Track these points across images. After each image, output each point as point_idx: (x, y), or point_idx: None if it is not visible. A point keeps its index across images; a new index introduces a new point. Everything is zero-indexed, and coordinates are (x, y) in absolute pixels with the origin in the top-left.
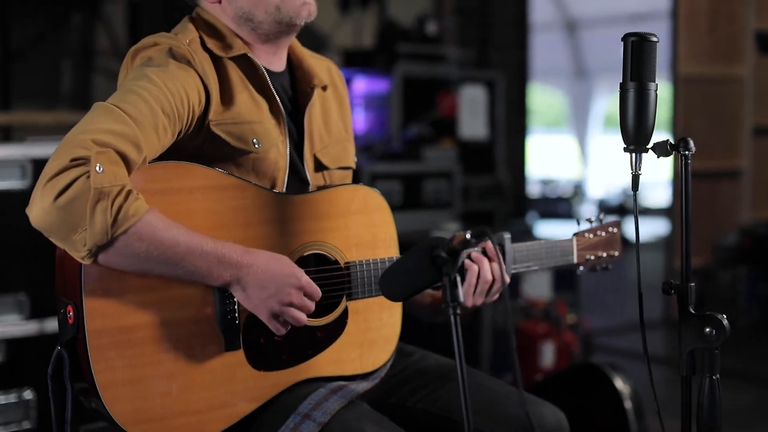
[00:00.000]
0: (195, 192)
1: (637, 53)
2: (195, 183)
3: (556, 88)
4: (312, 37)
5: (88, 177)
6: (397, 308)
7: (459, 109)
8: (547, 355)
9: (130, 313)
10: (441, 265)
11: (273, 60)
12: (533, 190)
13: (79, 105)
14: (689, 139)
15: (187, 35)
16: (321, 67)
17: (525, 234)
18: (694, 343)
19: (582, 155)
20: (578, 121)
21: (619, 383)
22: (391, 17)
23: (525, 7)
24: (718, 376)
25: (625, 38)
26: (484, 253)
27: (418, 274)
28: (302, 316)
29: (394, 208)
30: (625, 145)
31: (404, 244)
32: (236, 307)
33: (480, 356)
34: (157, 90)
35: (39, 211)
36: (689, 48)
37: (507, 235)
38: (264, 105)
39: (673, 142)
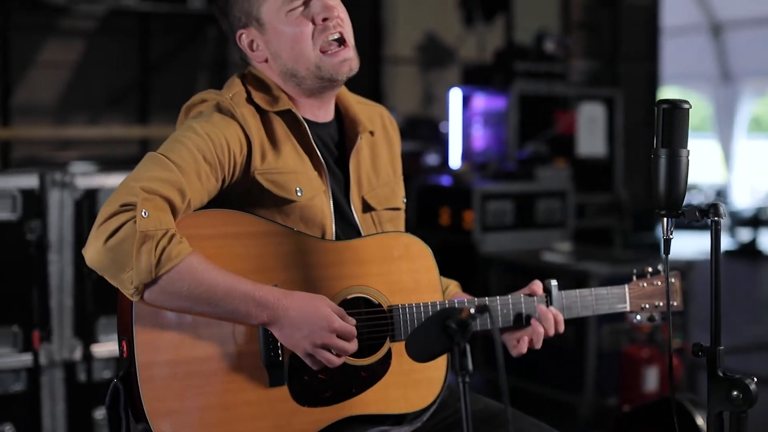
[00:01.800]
0: (239, 237)
1: (669, 120)
2: (239, 229)
3: (699, 93)
4: (438, 51)
5: (135, 221)
6: (441, 364)
7: (577, 127)
8: (651, 380)
9: (178, 347)
10: (452, 335)
11: (319, 112)
12: None
13: None
14: (719, 204)
15: (231, 90)
16: (371, 113)
17: (651, 248)
18: (721, 405)
19: (726, 160)
20: (723, 126)
21: (700, 420)
22: (513, 32)
23: (656, 16)
24: None
25: (657, 105)
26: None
27: (434, 341)
28: (334, 358)
29: (506, 228)
30: (657, 210)
31: (515, 264)
32: (279, 344)
33: (585, 379)
34: (199, 139)
35: (92, 252)
36: None
37: (554, 282)
38: (306, 157)
39: (703, 208)
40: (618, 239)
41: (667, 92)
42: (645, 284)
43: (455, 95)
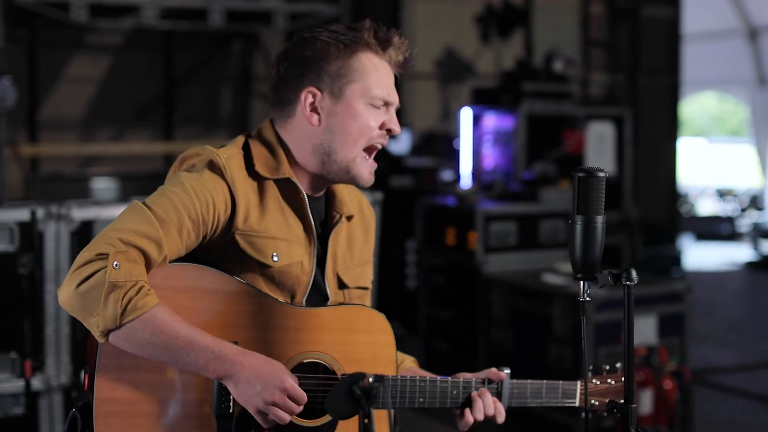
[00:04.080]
0: (207, 293)
1: (584, 188)
2: (207, 285)
3: (736, 97)
4: (456, 66)
5: (106, 271)
6: (386, 420)
7: (586, 145)
8: (645, 403)
9: (136, 388)
10: (358, 400)
11: (315, 188)
12: (704, 205)
13: (238, 130)
14: (632, 269)
15: (228, 150)
16: (352, 198)
17: (672, 260)
18: None
19: (762, 165)
20: (760, 130)
21: None
22: (532, 47)
23: (678, 28)
24: None
25: (574, 174)
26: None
27: (344, 403)
28: (284, 415)
29: (510, 249)
30: (573, 273)
31: (515, 286)
32: (231, 398)
33: None
34: (185, 196)
35: (65, 295)
36: None
37: (507, 371)
38: (297, 225)
39: (615, 272)
40: (626, 257)
41: (704, 97)
42: (599, 382)
43: (466, 114)
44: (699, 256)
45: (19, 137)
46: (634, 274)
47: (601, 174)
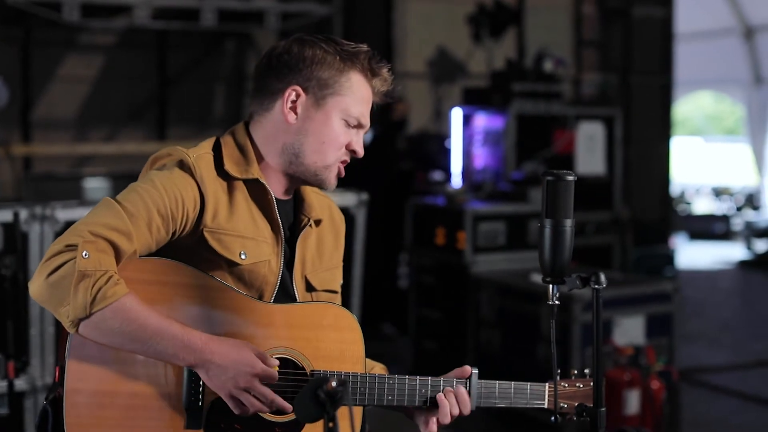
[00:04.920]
0: (176, 287)
1: (553, 192)
2: (177, 279)
3: (732, 97)
4: (448, 66)
5: (76, 261)
6: (357, 417)
7: (576, 145)
8: (632, 403)
9: (106, 380)
10: (323, 403)
11: (283, 190)
12: (700, 203)
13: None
14: (600, 273)
15: (198, 150)
16: (322, 202)
17: (665, 260)
18: None
19: (758, 164)
20: (755, 129)
21: None
22: (524, 47)
23: (671, 27)
24: None
25: (542, 177)
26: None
27: (311, 407)
28: (255, 402)
29: (498, 249)
30: (542, 277)
31: (504, 285)
32: (201, 389)
33: None
34: (155, 192)
35: (35, 286)
36: None
37: (475, 371)
38: (264, 225)
39: (584, 276)
40: (617, 257)
41: (700, 97)
42: (567, 385)
43: (456, 115)
44: (692, 255)
45: (12, 137)
46: (602, 277)
47: (570, 178)
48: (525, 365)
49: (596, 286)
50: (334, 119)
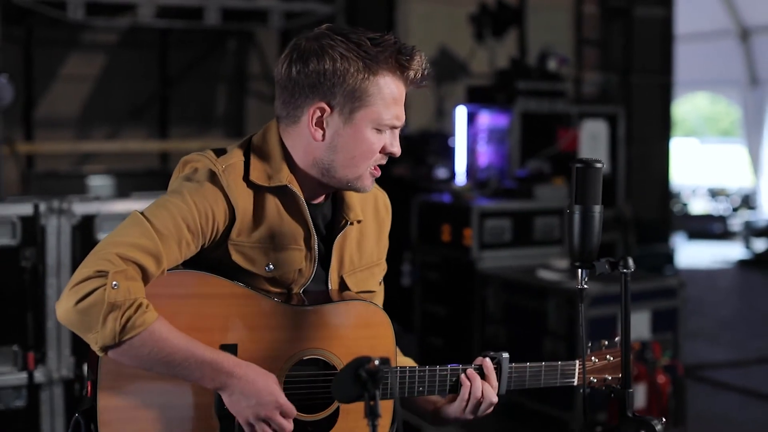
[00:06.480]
0: (206, 298)
1: (582, 179)
2: (208, 290)
3: (728, 98)
4: (450, 65)
5: (105, 290)
6: (386, 412)
7: (579, 143)
8: (638, 397)
9: (138, 394)
10: (364, 383)
11: (316, 195)
12: (697, 204)
13: (232, 128)
14: (629, 258)
15: (228, 160)
16: (365, 198)
17: (665, 259)
18: None
19: (754, 165)
20: (751, 130)
21: None
22: (525, 46)
23: (671, 27)
24: None
25: (572, 165)
26: (481, 371)
27: (350, 387)
28: None
29: (504, 245)
30: (572, 261)
31: (510, 281)
32: None
33: (575, 395)
34: (185, 207)
35: (63, 311)
36: None
37: (505, 355)
38: (297, 231)
39: (612, 260)
40: (619, 254)
41: (696, 98)
42: (597, 359)
43: (461, 113)
44: (691, 254)
45: (15, 135)
46: (630, 262)
47: (599, 165)
48: (531, 360)
49: (624, 270)
50: (365, 131)
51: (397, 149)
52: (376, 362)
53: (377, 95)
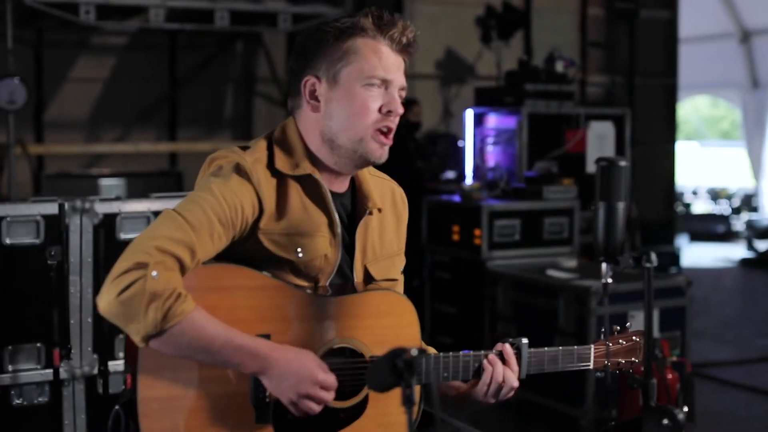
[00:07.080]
0: (239, 290)
1: (607, 176)
2: (240, 282)
3: (728, 100)
4: (457, 67)
5: (146, 280)
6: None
7: (587, 145)
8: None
9: (176, 385)
10: (400, 372)
11: (335, 183)
12: (698, 206)
13: (240, 130)
14: (652, 252)
15: (254, 154)
16: (384, 188)
17: (670, 259)
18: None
19: (754, 167)
20: (752, 133)
21: None
22: (531, 49)
23: (675, 29)
24: None
25: (597, 162)
26: (502, 356)
27: (387, 376)
28: (314, 407)
29: (514, 245)
30: (596, 256)
31: (520, 280)
32: None
33: (586, 391)
34: (215, 201)
35: (105, 303)
36: None
37: (524, 341)
38: (321, 219)
39: (636, 255)
40: (625, 254)
41: (697, 101)
42: (612, 344)
43: (469, 116)
44: (694, 254)
45: (26, 137)
46: (653, 256)
47: (623, 163)
48: None
49: (648, 265)
50: (354, 88)
51: (396, 107)
52: (413, 353)
53: (357, 53)
